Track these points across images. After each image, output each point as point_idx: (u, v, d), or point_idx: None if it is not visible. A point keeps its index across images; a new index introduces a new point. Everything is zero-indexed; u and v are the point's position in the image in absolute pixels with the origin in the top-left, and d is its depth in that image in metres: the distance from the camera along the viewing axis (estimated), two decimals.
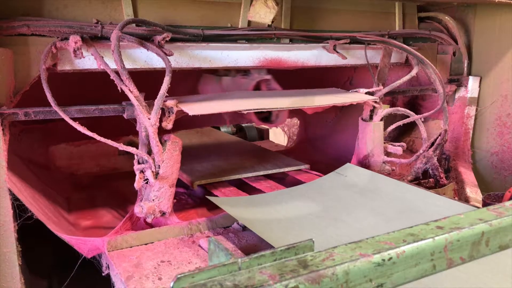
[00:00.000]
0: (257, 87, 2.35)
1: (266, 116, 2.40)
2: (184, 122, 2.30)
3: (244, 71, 2.37)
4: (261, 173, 2.34)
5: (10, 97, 1.59)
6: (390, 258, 0.65)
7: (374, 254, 0.64)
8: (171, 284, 0.57)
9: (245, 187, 2.21)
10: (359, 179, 2.07)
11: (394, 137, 2.88)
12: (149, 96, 1.68)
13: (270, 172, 2.35)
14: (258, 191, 2.14)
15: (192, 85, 2.64)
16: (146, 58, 1.80)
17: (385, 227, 1.58)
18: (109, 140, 1.61)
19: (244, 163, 2.51)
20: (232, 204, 1.87)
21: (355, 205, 1.81)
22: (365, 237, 1.25)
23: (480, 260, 0.76)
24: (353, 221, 1.65)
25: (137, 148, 1.69)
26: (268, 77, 2.36)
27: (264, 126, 3.23)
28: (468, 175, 2.65)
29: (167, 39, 1.71)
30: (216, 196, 2.05)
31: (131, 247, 1.66)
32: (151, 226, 1.79)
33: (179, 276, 0.57)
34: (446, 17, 2.64)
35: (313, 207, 1.81)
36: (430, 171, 2.41)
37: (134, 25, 1.72)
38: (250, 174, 2.31)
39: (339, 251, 0.64)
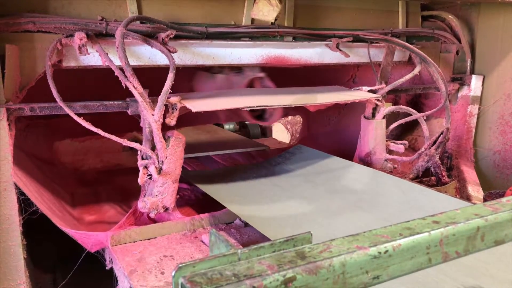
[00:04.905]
0: (250, 85, 2.38)
1: (260, 114, 2.47)
2: (187, 119, 2.34)
3: (238, 69, 2.39)
4: (227, 151, 2.72)
5: (16, 92, 1.61)
6: (386, 251, 0.66)
7: (370, 247, 0.66)
8: (173, 273, 0.58)
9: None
10: (303, 158, 2.51)
11: (397, 135, 2.89)
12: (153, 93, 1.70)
13: (234, 151, 2.76)
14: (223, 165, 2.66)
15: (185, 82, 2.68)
16: (150, 55, 1.82)
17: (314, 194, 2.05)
18: (114, 136, 1.63)
19: (217, 145, 2.91)
20: (197, 174, 2.37)
21: (292, 175, 2.30)
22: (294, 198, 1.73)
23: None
24: (289, 186, 2.15)
25: (141, 144, 1.71)
26: (262, 74, 2.39)
27: (259, 123, 3.37)
28: (470, 174, 2.66)
29: (171, 36, 1.73)
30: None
31: (134, 241, 1.68)
32: (154, 221, 1.81)
33: (180, 265, 0.59)
34: (450, 16, 2.64)
35: (262, 178, 2.29)
36: (432, 169, 2.41)
37: (138, 22, 1.74)
38: (216, 152, 2.72)
39: (336, 243, 0.66)
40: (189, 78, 2.59)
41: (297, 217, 1.79)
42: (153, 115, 1.64)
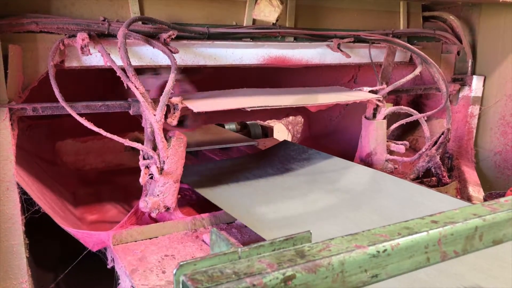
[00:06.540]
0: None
1: (181, 120, 2.47)
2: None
3: (154, 70, 2.34)
4: (216, 146, 2.92)
5: (18, 92, 1.62)
6: (385, 250, 0.67)
7: (369, 246, 0.66)
8: (174, 271, 0.59)
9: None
10: (294, 155, 2.60)
11: (398, 135, 2.90)
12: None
13: (224, 146, 2.93)
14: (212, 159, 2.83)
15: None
16: (152, 55, 1.83)
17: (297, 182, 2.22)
18: (115, 136, 1.63)
19: (208, 141, 3.05)
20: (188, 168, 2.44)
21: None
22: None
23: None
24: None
25: (143, 144, 1.71)
26: (179, 77, 2.36)
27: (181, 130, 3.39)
28: (471, 174, 2.66)
29: (173, 37, 1.74)
30: None
31: (135, 241, 1.69)
32: (155, 221, 1.82)
33: (181, 263, 0.60)
34: (451, 17, 2.64)
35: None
36: (433, 170, 2.42)
37: (140, 22, 1.75)
38: (207, 147, 2.85)
39: (335, 242, 0.67)
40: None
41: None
42: (154, 115, 1.65)
